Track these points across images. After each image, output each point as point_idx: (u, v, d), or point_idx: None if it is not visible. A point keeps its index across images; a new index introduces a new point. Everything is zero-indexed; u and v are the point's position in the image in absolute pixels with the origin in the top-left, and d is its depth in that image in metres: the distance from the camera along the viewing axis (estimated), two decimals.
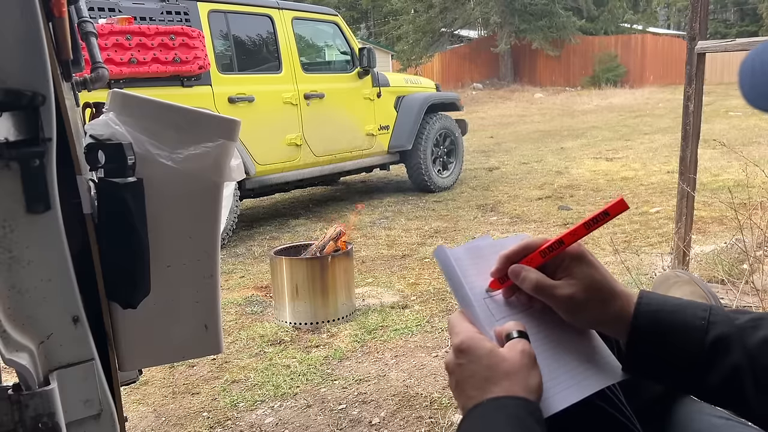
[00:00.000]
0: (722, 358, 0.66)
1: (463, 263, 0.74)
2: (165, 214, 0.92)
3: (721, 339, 0.67)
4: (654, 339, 0.69)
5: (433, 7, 23.34)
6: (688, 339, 0.68)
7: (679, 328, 0.69)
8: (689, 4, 2.83)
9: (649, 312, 0.70)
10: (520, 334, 0.68)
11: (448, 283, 0.74)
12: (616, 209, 0.71)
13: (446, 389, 2.37)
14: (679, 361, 0.68)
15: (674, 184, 3.10)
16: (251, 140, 4.92)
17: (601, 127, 11.85)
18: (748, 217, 2.61)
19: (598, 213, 0.72)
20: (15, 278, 0.73)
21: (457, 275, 0.72)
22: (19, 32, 0.69)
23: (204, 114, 0.96)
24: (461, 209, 5.71)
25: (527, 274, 0.72)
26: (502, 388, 0.63)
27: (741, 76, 0.61)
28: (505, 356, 0.65)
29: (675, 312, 0.70)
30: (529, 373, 0.65)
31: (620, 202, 0.71)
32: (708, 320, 0.68)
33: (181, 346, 1.01)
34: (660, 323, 0.69)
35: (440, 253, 0.74)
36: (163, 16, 4.51)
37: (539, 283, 0.71)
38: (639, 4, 25.68)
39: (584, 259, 0.72)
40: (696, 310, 0.70)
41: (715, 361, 0.67)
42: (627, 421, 0.74)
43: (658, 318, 0.69)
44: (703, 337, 0.67)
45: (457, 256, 0.74)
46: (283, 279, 3.11)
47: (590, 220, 0.72)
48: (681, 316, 0.69)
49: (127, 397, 2.45)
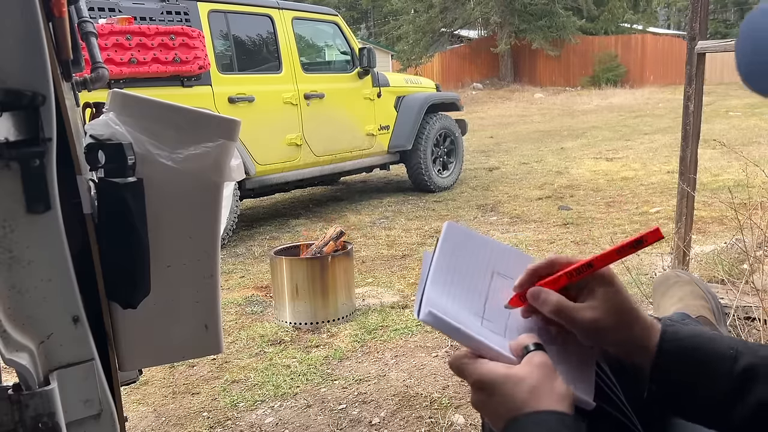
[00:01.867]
0: (750, 390, 0.65)
1: (447, 308, 0.70)
2: (165, 214, 0.92)
3: (748, 370, 0.66)
4: (682, 365, 0.67)
5: (433, 7, 23.33)
6: (718, 368, 0.67)
7: (710, 356, 0.67)
8: (689, 4, 2.83)
9: (676, 339, 0.68)
10: (537, 346, 0.66)
11: (450, 337, 0.70)
12: (652, 238, 0.69)
13: (446, 389, 2.37)
14: (709, 391, 0.67)
15: (674, 184, 3.10)
16: (251, 140, 4.92)
17: (601, 127, 11.85)
18: (748, 217, 2.61)
19: (632, 240, 0.70)
20: (15, 278, 0.73)
21: (452, 326, 0.68)
22: (19, 32, 0.69)
23: (204, 114, 0.96)
24: (461, 209, 5.71)
25: (547, 296, 0.70)
26: (530, 407, 0.62)
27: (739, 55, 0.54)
28: (523, 375, 0.64)
29: (705, 341, 0.69)
30: (553, 384, 0.63)
31: (656, 232, 0.69)
32: (737, 350, 0.67)
33: (181, 346, 1.01)
34: (689, 350, 0.68)
35: (430, 318, 0.67)
36: (163, 16, 4.51)
37: (559, 306, 0.70)
38: (639, 4, 25.66)
39: (611, 282, 0.70)
40: (723, 340, 0.69)
41: (744, 394, 0.65)
42: (628, 421, 0.74)
43: (687, 345, 0.68)
44: (732, 367, 0.66)
45: (438, 305, 0.69)
46: (283, 279, 3.11)
47: (623, 246, 0.70)
48: (710, 345, 0.68)
49: (127, 397, 2.45)
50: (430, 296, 0.70)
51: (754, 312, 2.34)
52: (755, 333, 2.31)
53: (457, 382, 2.41)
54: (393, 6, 25.84)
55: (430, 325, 0.69)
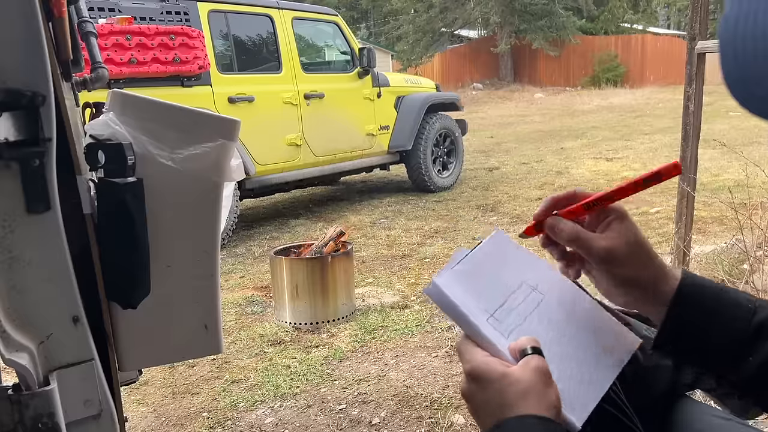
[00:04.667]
0: (763, 344, 0.65)
1: (455, 291, 0.71)
2: (165, 214, 0.92)
3: (765, 323, 0.66)
4: (700, 310, 0.67)
5: (433, 7, 23.32)
6: (736, 316, 0.66)
7: (727, 304, 0.67)
8: (689, 4, 2.83)
9: (697, 285, 0.68)
10: (535, 350, 0.66)
11: (449, 316, 0.71)
12: (669, 172, 0.69)
13: (446, 389, 2.37)
14: (724, 338, 0.66)
15: (674, 184, 3.10)
16: (251, 140, 4.92)
17: (601, 127, 11.84)
18: (748, 217, 2.61)
19: (650, 173, 0.69)
20: (15, 278, 0.73)
21: (456, 306, 0.69)
22: (19, 32, 0.69)
23: (204, 114, 0.96)
24: (461, 209, 5.71)
25: (564, 225, 0.71)
26: (519, 409, 0.61)
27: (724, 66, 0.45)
28: (519, 377, 0.63)
29: (723, 290, 0.68)
30: (545, 391, 0.63)
31: (675, 166, 0.68)
32: (755, 303, 0.67)
33: (181, 346, 1.01)
34: (707, 296, 0.68)
35: (433, 290, 0.70)
36: (163, 16, 4.51)
37: (575, 233, 0.70)
38: (639, 4, 25.62)
39: (626, 218, 0.71)
40: (740, 293, 0.69)
41: (756, 346, 0.65)
42: (628, 420, 0.74)
43: (706, 293, 0.68)
44: (750, 319, 0.66)
45: (448, 285, 0.71)
46: (283, 279, 3.11)
47: (641, 180, 0.70)
48: (728, 294, 0.68)
49: (127, 397, 2.45)
50: (445, 278, 0.71)
51: None
52: None
53: (457, 383, 2.41)
54: (393, 6, 25.81)
55: (432, 298, 0.70)
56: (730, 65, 0.42)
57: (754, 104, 0.42)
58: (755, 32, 0.40)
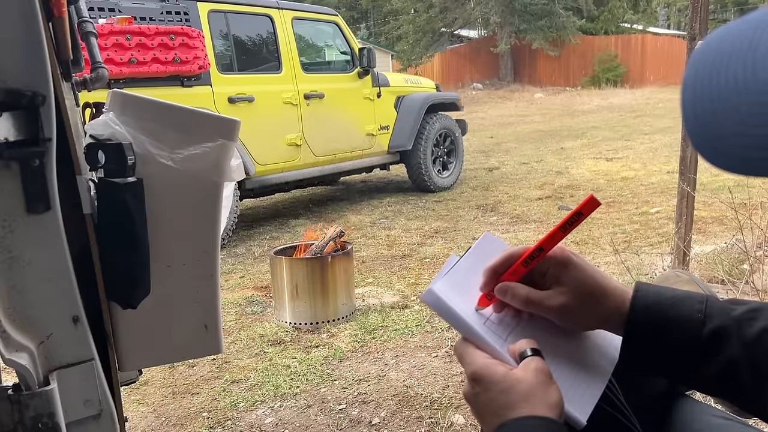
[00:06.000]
0: (719, 350, 0.66)
1: (451, 296, 0.71)
2: (165, 214, 0.92)
3: (717, 332, 0.67)
4: (651, 333, 0.68)
5: (433, 7, 23.32)
6: (685, 333, 0.68)
7: (676, 322, 0.68)
8: (689, 4, 2.83)
9: (645, 306, 0.69)
10: (534, 352, 0.67)
11: (447, 321, 0.72)
12: (589, 208, 0.70)
13: (446, 389, 2.37)
14: (676, 354, 0.68)
15: (674, 184, 3.10)
16: (251, 140, 4.92)
17: (601, 127, 11.84)
18: (748, 217, 2.61)
19: (571, 214, 0.71)
20: (15, 278, 0.73)
21: (452, 311, 0.70)
22: (19, 32, 0.69)
23: (204, 114, 0.96)
24: (461, 209, 5.71)
25: (515, 290, 0.71)
26: (522, 410, 0.62)
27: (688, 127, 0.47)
28: (520, 378, 0.64)
29: (672, 305, 0.69)
30: (547, 391, 0.63)
31: (591, 200, 0.70)
32: (705, 313, 0.68)
33: (181, 346, 1.01)
34: (657, 317, 0.69)
35: (430, 296, 0.70)
36: (163, 16, 4.52)
37: (528, 297, 0.71)
38: (639, 4, 25.60)
39: (570, 263, 0.71)
40: (693, 303, 0.69)
41: (712, 354, 0.66)
42: (626, 420, 0.74)
43: (655, 311, 0.69)
44: (700, 330, 0.67)
45: (444, 290, 0.71)
46: (283, 279, 3.11)
47: (565, 222, 0.71)
48: (678, 310, 0.69)
49: (127, 397, 2.45)
50: (441, 284, 0.72)
51: None
52: None
53: (457, 383, 2.41)
54: (393, 6, 25.82)
55: (430, 305, 0.70)
56: (692, 126, 0.46)
57: (720, 161, 0.44)
58: (711, 94, 0.44)
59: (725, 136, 0.43)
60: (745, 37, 0.43)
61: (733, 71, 0.43)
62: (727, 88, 0.43)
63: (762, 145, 0.40)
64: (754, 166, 0.42)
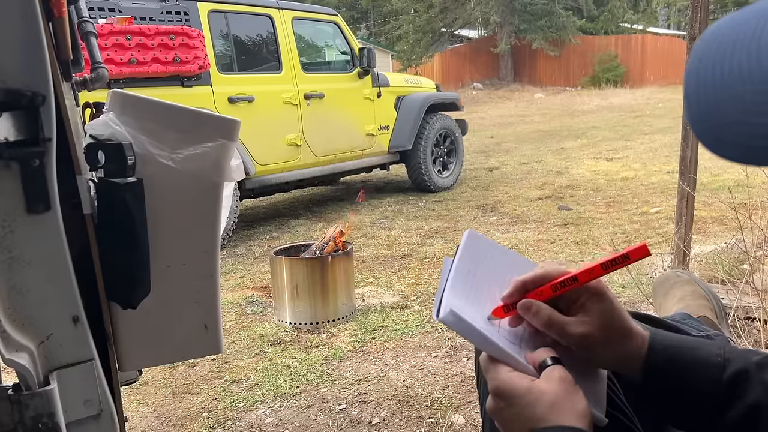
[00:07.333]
0: (741, 394, 0.65)
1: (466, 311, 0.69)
2: (165, 214, 0.92)
3: (739, 375, 0.66)
4: (671, 376, 0.68)
5: (433, 7, 23.32)
6: (705, 375, 0.67)
7: (696, 365, 0.67)
8: (689, 4, 2.83)
9: (664, 349, 0.69)
10: (554, 360, 0.66)
11: (467, 339, 0.70)
12: (636, 254, 0.68)
13: (446, 389, 2.37)
14: (697, 398, 0.67)
15: (674, 184, 3.10)
16: (251, 140, 4.92)
17: (601, 127, 11.84)
18: (748, 217, 2.61)
19: (618, 255, 0.69)
20: (15, 278, 0.73)
21: (475, 329, 0.67)
22: (19, 32, 0.69)
23: (204, 114, 0.96)
24: (461, 209, 5.71)
25: (539, 309, 0.69)
26: (550, 422, 0.61)
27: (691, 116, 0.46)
28: (545, 389, 0.63)
29: (691, 349, 0.69)
30: (573, 400, 0.63)
31: (642, 248, 0.68)
32: (724, 357, 0.67)
33: (181, 346, 1.01)
34: (676, 360, 0.68)
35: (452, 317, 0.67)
36: (163, 16, 4.51)
37: (551, 319, 0.69)
38: (639, 4, 25.61)
39: (604, 296, 0.70)
40: (711, 347, 0.69)
41: (734, 398, 0.65)
42: (628, 420, 0.74)
43: (674, 355, 0.68)
44: (720, 374, 0.66)
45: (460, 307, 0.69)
46: (283, 279, 3.11)
47: (609, 262, 0.69)
48: (696, 353, 0.68)
49: (127, 397, 2.45)
50: (450, 298, 0.70)
51: (754, 312, 2.34)
52: (755, 333, 2.30)
53: (457, 383, 2.41)
54: (393, 6, 25.81)
55: (449, 325, 0.68)
56: (696, 115, 0.45)
57: (724, 150, 0.43)
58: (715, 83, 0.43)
59: (729, 125, 0.42)
60: (749, 25, 0.43)
61: (738, 60, 0.42)
62: (731, 76, 0.42)
63: (766, 134, 0.40)
64: (758, 155, 0.42)
